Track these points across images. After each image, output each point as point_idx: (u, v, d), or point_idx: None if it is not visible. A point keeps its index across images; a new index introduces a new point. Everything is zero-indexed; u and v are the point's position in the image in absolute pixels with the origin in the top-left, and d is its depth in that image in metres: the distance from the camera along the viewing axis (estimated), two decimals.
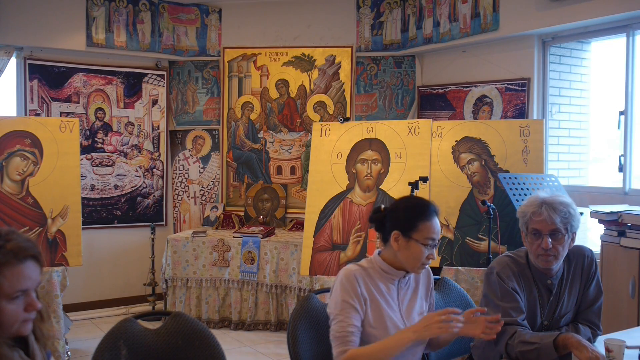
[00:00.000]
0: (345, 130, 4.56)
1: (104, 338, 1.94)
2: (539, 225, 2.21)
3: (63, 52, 5.28)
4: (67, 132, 4.32)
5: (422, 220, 2.01)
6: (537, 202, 2.24)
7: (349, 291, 1.99)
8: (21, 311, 1.38)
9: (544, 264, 2.24)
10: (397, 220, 2.04)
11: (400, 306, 2.09)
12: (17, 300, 1.37)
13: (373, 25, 5.60)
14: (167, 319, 2.09)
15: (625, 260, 3.48)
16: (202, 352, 2.04)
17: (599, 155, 4.98)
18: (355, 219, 4.36)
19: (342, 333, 1.96)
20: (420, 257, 2.01)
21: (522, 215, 2.29)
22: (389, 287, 2.08)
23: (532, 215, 2.23)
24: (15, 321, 1.38)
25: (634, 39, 4.13)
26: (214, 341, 2.06)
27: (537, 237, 2.22)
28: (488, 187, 4.34)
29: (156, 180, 5.79)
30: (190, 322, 2.08)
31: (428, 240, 2.00)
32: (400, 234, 2.01)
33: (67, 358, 4.08)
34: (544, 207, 2.20)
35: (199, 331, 2.06)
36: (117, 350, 1.91)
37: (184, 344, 2.03)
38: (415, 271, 2.07)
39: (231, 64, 5.76)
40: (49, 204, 4.18)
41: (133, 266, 5.64)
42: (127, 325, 1.98)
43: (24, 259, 1.37)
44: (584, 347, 1.98)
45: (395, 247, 2.02)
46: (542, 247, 2.19)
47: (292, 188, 5.71)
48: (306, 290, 4.74)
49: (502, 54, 4.85)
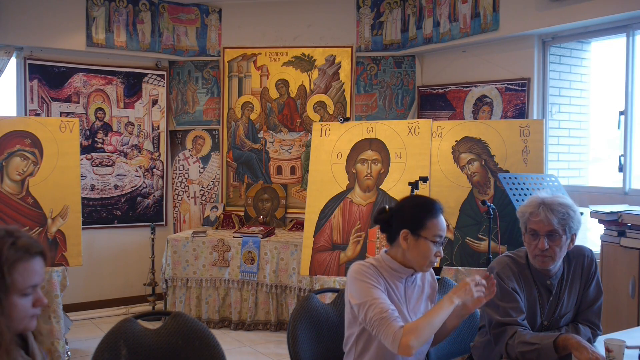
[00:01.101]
0: (345, 130, 4.56)
1: (104, 338, 1.94)
2: (536, 226, 2.21)
3: (63, 52, 5.28)
4: (67, 132, 4.32)
5: (430, 218, 2.04)
6: (535, 203, 2.24)
7: (369, 277, 2.01)
8: (30, 307, 1.40)
9: (541, 264, 2.24)
10: (405, 220, 2.06)
11: (407, 305, 2.10)
12: (27, 296, 1.39)
13: (373, 25, 5.60)
14: (167, 319, 2.09)
15: (625, 260, 3.48)
16: (203, 352, 2.04)
17: (599, 155, 4.98)
18: (355, 219, 4.36)
19: (384, 314, 1.91)
20: (429, 254, 2.03)
21: (521, 215, 2.30)
22: (397, 285, 2.09)
23: (530, 215, 2.23)
24: (25, 316, 1.39)
25: (634, 39, 4.13)
26: (214, 341, 2.06)
27: (534, 237, 2.22)
28: (488, 187, 4.34)
29: (156, 180, 5.79)
30: (190, 322, 2.08)
31: (436, 237, 2.03)
32: (409, 232, 2.04)
33: (67, 358, 4.08)
34: (541, 208, 2.21)
35: (199, 331, 2.06)
36: (117, 350, 1.91)
37: (184, 344, 2.03)
38: (423, 269, 2.09)
39: (231, 64, 5.76)
40: (49, 204, 4.18)
41: (133, 266, 5.64)
42: (127, 325, 1.98)
43: (34, 254, 1.40)
44: (584, 348, 1.98)
45: (404, 245, 2.04)
46: (539, 248, 2.20)
47: (292, 188, 5.71)
48: (306, 290, 4.74)
49: (502, 54, 4.85)
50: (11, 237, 1.36)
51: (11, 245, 1.35)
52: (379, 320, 1.92)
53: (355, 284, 2.03)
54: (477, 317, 2.55)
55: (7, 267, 1.32)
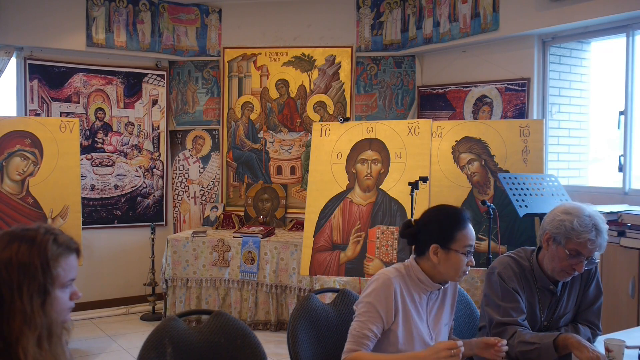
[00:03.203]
0: (345, 130, 4.56)
1: (149, 336, 1.98)
2: (584, 250, 2.13)
3: (63, 52, 5.28)
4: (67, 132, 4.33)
5: (459, 230, 1.99)
6: (589, 225, 2.12)
7: (381, 299, 1.97)
8: (68, 300, 1.46)
9: (562, 278, 2.22)
10: (433, 234, 2.01)
11: (427, 317, 2.08)
12: (67, 290, 1.45)
13: (373, 25, 5.60)
14: (209, 318, 2.12)
15: (625, 260, 3.48)
16: (244, 351, 2.08)
17: (598, 155, 4.98)
18: (355, 219, 4.36)
19: (359, 333, 1.96)
20: (461, 266, 1.99)
21: (572, 230, 2.13)
22: (421, 296, 2.06)
23: (585, 237, 2.10)
24: (64, 309, 1.45)
25: (634, 39, 4.13)
26: (255, 340, 2.10)
27: (574, 257, 2.15)
28: (488, 187, 4.34)
29: (156, 180, 5.79)
30: (231, 321, 2.12)
31: (467, 248, 1.99)
32: (439, 247, 1.99)
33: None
34: (595, 233, 2.11)
35: (241, 330, 2.11)
36: (162, 348, 1.95)
37: (227, 343, 2.07)
38: (456, 280, 2.05)
39: (231, 64, 5.76)
40: (49, 204, 4.18)
41: (133, 266, 5.65)
42: (172, 324, 2.02)
43: (73, 250, 1.46)
44: (584, 347, 1.98)
45: (434, 260, 1.99)
46: (575, 269, 2.15)
47: (292, 188, 5.71)
48: (306, 290, 4.74)
49: (502, 54, 4.85)
50: (52, 234, 1.42)
51: (53, 241, 1.41)
52: (350, 334, 1.99)
53: (368, 292, 2.01)
54: (477, 317, 2.55)
55: (52, 261, 1.39)
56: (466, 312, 2.54)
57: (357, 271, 4.27)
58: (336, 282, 4.56)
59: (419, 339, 2.02)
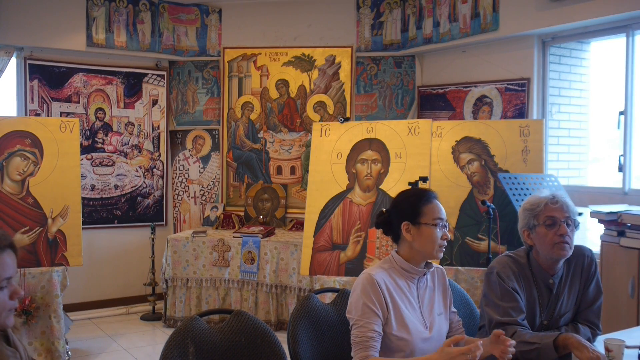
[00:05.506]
0: (345, 130, 4.56)
1: (171, 336, 2.00)
2: (556, 213, 2.23)
3: (63, 52, 5.28)
4: (67, 132, 4.32)
5: (425, 204, 2.07)
6: (548, 194, 2.29)
7: (370, 296, 1.99)
8: (7, 300, 1.41)
9: (561, 252, 2.23)
10: (402, 213, 2.09)
11: (420, 305, 2.10)
12: (3, 290, 1.39)
13: (373, 25, 5.61)
14: (230, 317, 2.15)
15: (625, 260, 3.48)
16: (264, 350, 2.11)
17: (598, 155, 4.98)
18: (355, 219, 4.36)
19: (362, 338, 1.95)
20: (436, 238, 2.04)
21: (533, 207, 2.28)
22: (409, 285, 2.09)
23: (548, 203, 2.25)
24: (3, 310, 1.40)
25: (634, 39, 4.14)
26: (275, 339, 2.13)
27: (552, 226, 2.22)
28: (488, 187, 4.34)
29: (156, 180, 5.79)
30: (252, 320, 2.15)
31: (436, 220, 2.05)
32: (410, 223, 2.06)
33: (67, 358, 4.08)
34: (557, 197, 2.26)
35: (261, 329, 2.14)
36: (185, 348, 1.98)
37: (247, 342, 2.10)
38: (436, 255, 2.08)
39: (231, 64, 5.77)
40: (49, 204, 4.18)
41: (133, 266, 5.65)
42: (193, 323, 2.04)
43: (4, 248, 1.40)
44: (584, 347, 1.98)
45: (408, 238, 2.05)
46: (560, 234, 2.21)
47: (292, 188, 5.71)
48: (306, 290, 4.74)
49: (502, 54, 4.86)
50: None
51: None
52: (354, 343, 1.98)
53: (355, 297, 2.02)
54: (477, 317, 2.55)
55: None
56: (466, 312, 2.54)
57: (357, 271, 4.26)
58: (336, 282, 4.56)
59: (415, 329, 2.03)
